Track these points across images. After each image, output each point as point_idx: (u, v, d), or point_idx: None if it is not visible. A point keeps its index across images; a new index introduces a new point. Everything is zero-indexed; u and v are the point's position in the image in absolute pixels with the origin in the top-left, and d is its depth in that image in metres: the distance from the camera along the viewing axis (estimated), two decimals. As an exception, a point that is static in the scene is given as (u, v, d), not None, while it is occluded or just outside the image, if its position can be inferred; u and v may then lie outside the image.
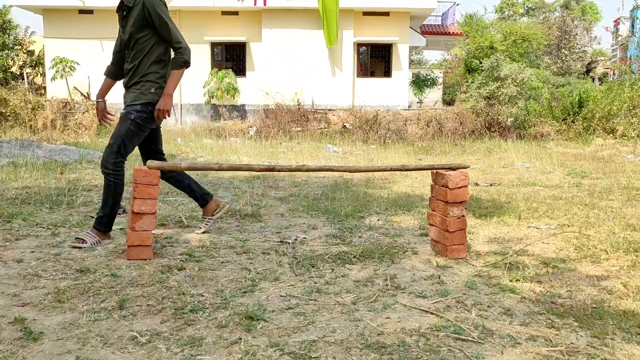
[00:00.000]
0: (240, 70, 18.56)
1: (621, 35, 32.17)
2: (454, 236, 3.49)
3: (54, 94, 16.88)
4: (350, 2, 17.13)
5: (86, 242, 3.54)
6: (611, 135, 13.92)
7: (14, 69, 20.36)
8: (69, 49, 17.09)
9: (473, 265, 3.37)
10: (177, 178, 3.98)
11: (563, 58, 31.27)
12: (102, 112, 3.89)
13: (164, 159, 3.92)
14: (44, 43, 18.42)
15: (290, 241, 3.88)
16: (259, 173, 6.91)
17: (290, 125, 15.34)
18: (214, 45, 18.52)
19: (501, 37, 20.36)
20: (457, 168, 3.60)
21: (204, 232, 4.04)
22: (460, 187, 3.46)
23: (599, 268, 3.35)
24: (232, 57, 18.78)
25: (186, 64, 3.63)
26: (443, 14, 25.97)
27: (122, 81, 3.82)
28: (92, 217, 4.53)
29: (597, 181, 7.02)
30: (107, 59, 16.86)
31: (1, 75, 18.64)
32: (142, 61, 3.61)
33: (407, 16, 18.89)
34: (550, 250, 3.73)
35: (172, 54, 3.68)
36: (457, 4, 28.56)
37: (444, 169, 3.62)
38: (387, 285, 2.97)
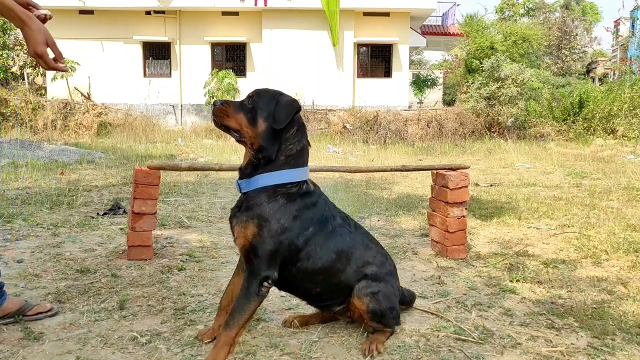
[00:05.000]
0: (240, 71, 18.56)
1: (621, 36, 32.17)
2: (454, 237, 3.49)
3: (54, 94, 16.88)
4: (351, 2, 17.11)
5: None
6: (611, 135, 13.94)
7: (14, 69, 20.36)
8: (70, 50, 17.06)
9: (473, 266, 3.37)
10: None
11: (563, 58, 31.27)
12: None
13: None
14: (44, 43, 18.41)
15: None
16: (259, 173, 6.90)
17: (291, 126, 15.33)
18: (214, 45, 18.51)
19: (501, 37, 20.36)
20: (458, 168, 3.60)
21: None
22: (460, 188, 3.46)
23: (599, 268, 3.35)
24: (233, 58, 18.77)
25: None
26: (443, 14, 25.97)
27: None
28: (92, 218, 4.54)
29: (597, 181, 7.02)
30: (107, 59, 16.86)
31: (2, 76, 18.64)
32: None
33: (408, 16, 18.88)
34: (551, 251, 3.73)
35: None
36: (458, 5, 28.59)
37: (444, 169, 3.62)
38: (388, 285, 2.97)
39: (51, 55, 2.08)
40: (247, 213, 2.03)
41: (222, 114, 2.04)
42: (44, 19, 2.19)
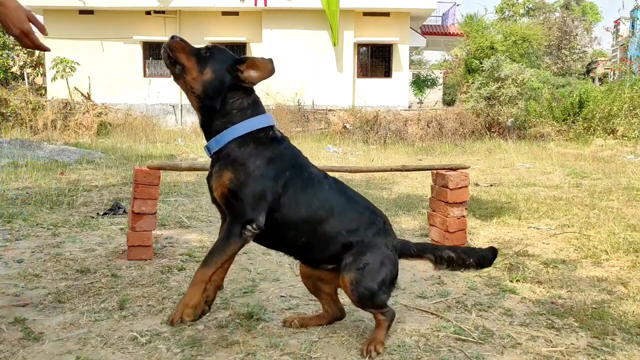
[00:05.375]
0: (240, 71, 18.57)
1: (621, 36, 32.17)
2: (454, 237, 3.49)
3: (54, 94, 16.87)
4: (351, 2, 17.11)
5: None
6: (611, 135, 13.94)
7: (14, 69, 20.37)
8: (70, 50, 17.07)
9: (473, 266, 3.37)
10: None
11: (563, 58, 31.28)
12: None
13: None
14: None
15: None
16: (259, 173, 6.89)
17: (291, 126, 15.34)
18: (214, 45, 18.54)
19: (501, 37, 20.36)
20: (458, 168, 3.60)
21: None
22: (460, 188, 3.46)
23: (599, 268, 3.35)
24: (233, 58, 18.80)
25: None
26: (443, 14, 25.97)
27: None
28: (92, 218, 4.54)
29: (597, 181, 7.02)
30: (107, 59, 16.78)
31: (2, 76, 18.65)
32: None
33: (408, 16, 18.87)
34: (551, 251, 3.73)
35: None
36: (458, 5, 28.58)
37: (444, 169, 3.62)
38: (388, 285, 2.97)
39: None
40: (220, 163, 2.03)
41: (176, 47, 2.06)
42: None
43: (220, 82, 2.05)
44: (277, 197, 2.04)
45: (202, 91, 2.05)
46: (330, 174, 2.37)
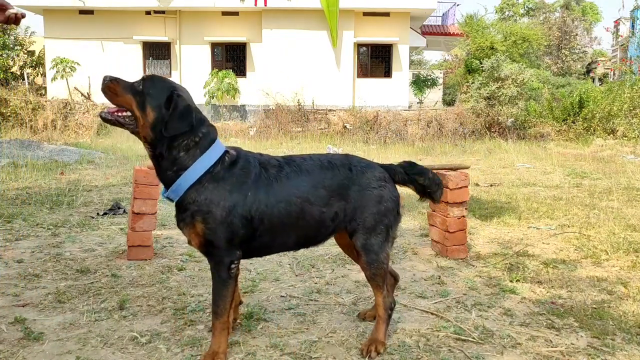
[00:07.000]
0: (240, 71, 18.54)
1: (621, 36, 32.16)
2: (454, 237, 3.49)
3: (54, 94, 16.87)
4: (351, 2, 17.10)
5: None
6: (611, 135, 13.93)
7: (14, 70, 20.36)
8: (70, 50, 17.08)
9: (473, 266, 3.37)
10: None
11: (563, 58, 31.26)
12: None
13: None
14: (44, 43, 18.41)
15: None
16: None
17: (291, 126, 15.33)
18: (214, 45, 18.50)
19: (501, 37, 20.37)
20: (458, 168, 3.60)
21: None
22: (460, 188, 3.46)
23: (599, 269, 3.35)
24: (233, 58, 18.76)
25: None
26: (443, 14, 25.95)
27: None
28: (92, 218, 4.53)
29: (597, 182, 7.01)
30: (107, 59, 16.74)
31: (2, 76, 18.64)
32: None
33: (408, 17, 18.87)
34: (551, 251, 3.73)
35: None
36: (458, 5, 28.57)
37: (444, 169, 3.62)
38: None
39: None
40: (188, 214, 1.98)
41: (110, 92, 1.94)
42: (17, 18, 2.15)
43: (162, 121, 1.91)
44: (250, 221, 2.01)
45: (152, 136, 1.92)
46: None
